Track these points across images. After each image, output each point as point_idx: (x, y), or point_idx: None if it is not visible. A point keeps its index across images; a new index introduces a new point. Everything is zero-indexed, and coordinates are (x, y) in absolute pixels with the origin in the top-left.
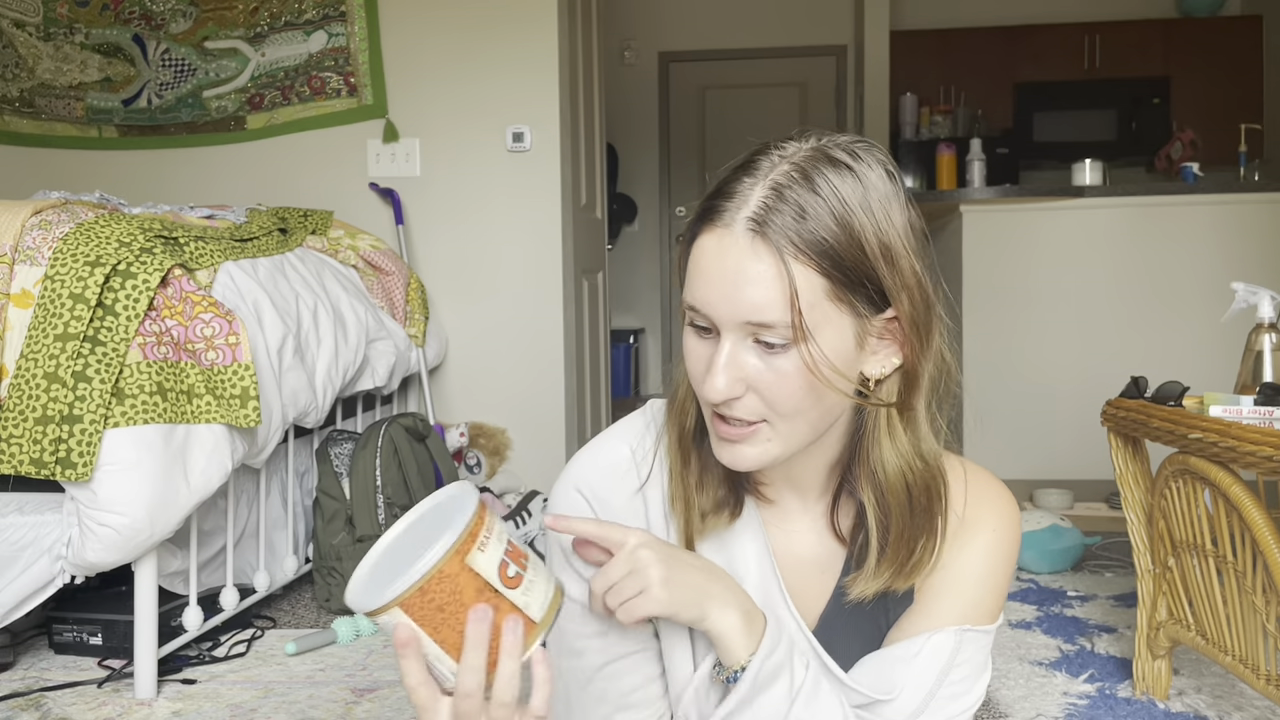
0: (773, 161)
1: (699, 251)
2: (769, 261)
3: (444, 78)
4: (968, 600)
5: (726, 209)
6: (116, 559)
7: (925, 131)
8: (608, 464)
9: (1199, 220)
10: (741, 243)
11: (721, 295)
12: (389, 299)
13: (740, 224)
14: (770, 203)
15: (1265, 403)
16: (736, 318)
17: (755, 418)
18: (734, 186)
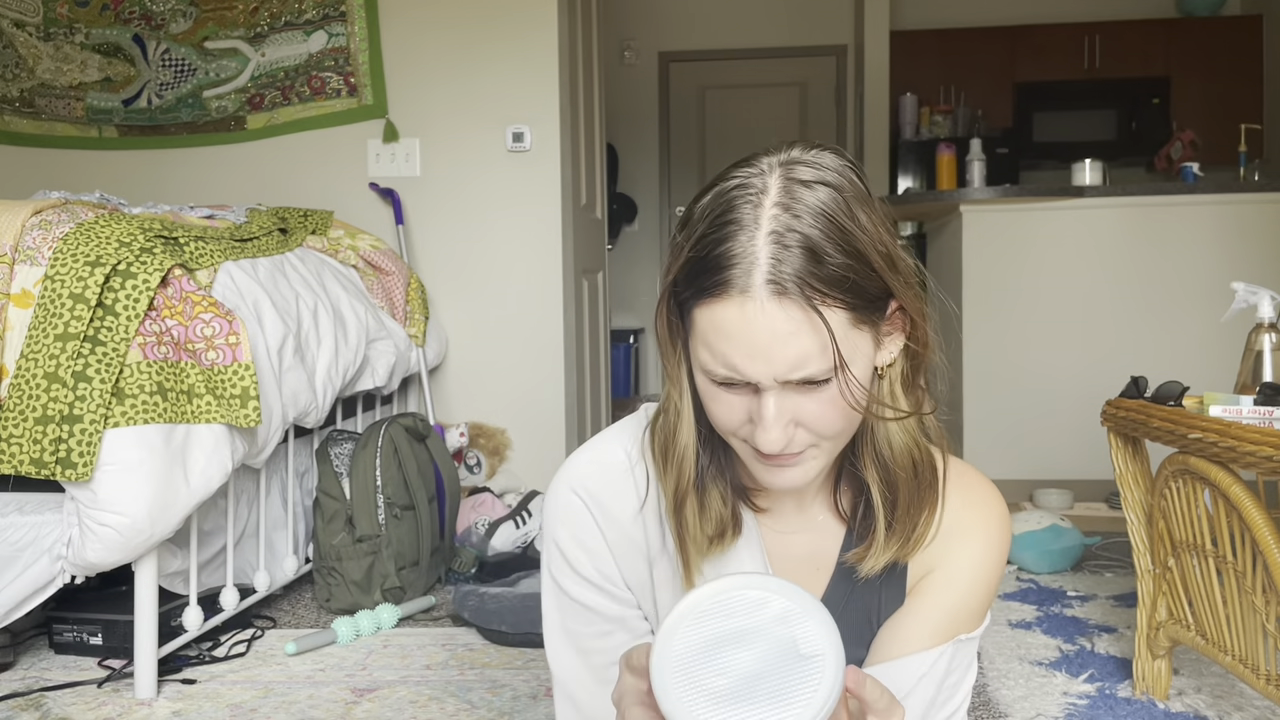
0: (754, 205)
1: (718, 320)
2: (800, 316)
3: (444, 77)
4: (960, 607)
5: (735, 275)
6: (117, 559)
7: (925, 131)
8: (603, 467)
9: (1199, 220)
10: (768, 307)
11: (761, 362)
12: (389, 299)
13: (759, 288)
14: (779, 255)
15: (1265, 403)
16: (779, 378)
17: (803, 448)
18: (729, 248)
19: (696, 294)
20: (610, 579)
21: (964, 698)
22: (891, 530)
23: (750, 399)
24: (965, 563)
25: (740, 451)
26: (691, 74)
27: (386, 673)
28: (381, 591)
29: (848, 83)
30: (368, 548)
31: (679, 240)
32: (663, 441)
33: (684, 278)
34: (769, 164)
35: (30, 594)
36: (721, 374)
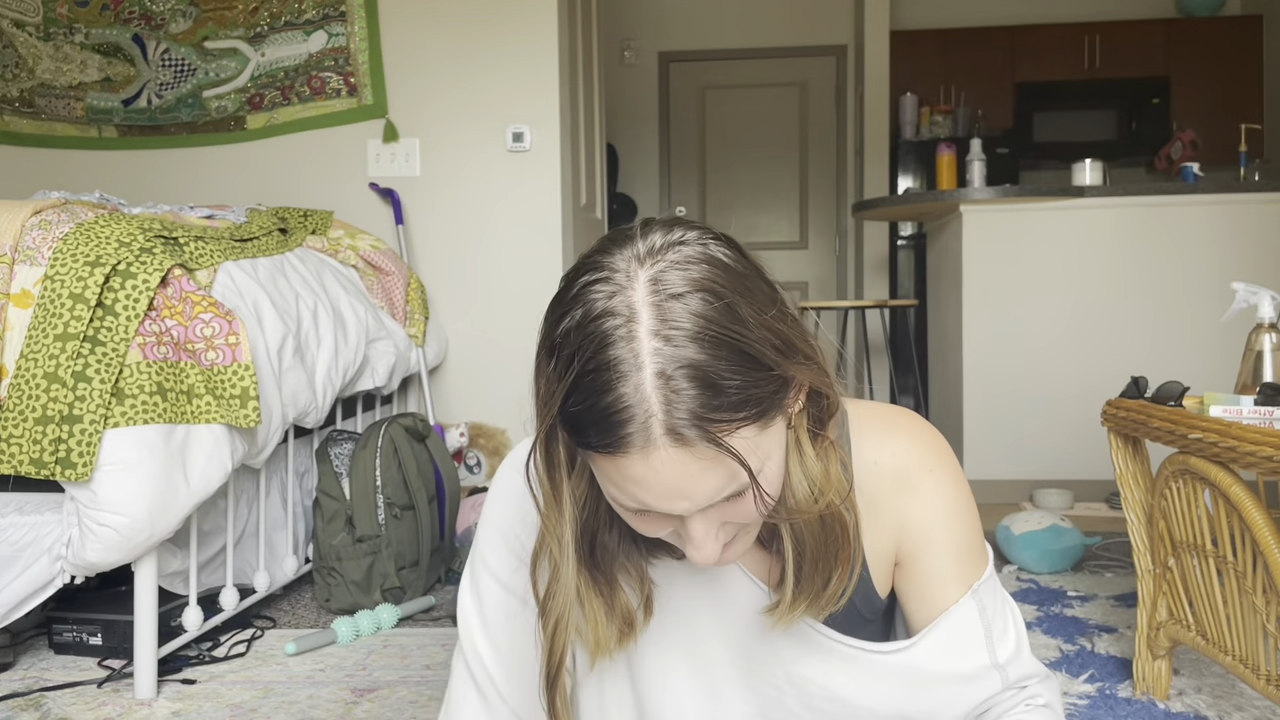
0: (628, 339)
1: (626, 474)
2: (708, 454)
3: (444, 77)
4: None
5: (631, 433)
6: (116, 559)
7: (925, 131)
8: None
9: (1199, 220)
10: (673, 454)
11: (679, 500)
12: (389, 299)
13: (659, 438)
14: (670, 400)
15: (1265, 403)
16: (699, 507)
17: (730, 537)
18: (615, 400)
19: (593, 447)
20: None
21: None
22: (799, 588)
23: (668, 519)
24: (928, 509)
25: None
26: (691, 74)
27: (386, 673)
28: (381, 591)
29: (848, 83)
30: (368, 548)
31: (551, 377)
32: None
33: (571, 427)
34: (628, 273)
35: (30, 594)
36: (637, 509)
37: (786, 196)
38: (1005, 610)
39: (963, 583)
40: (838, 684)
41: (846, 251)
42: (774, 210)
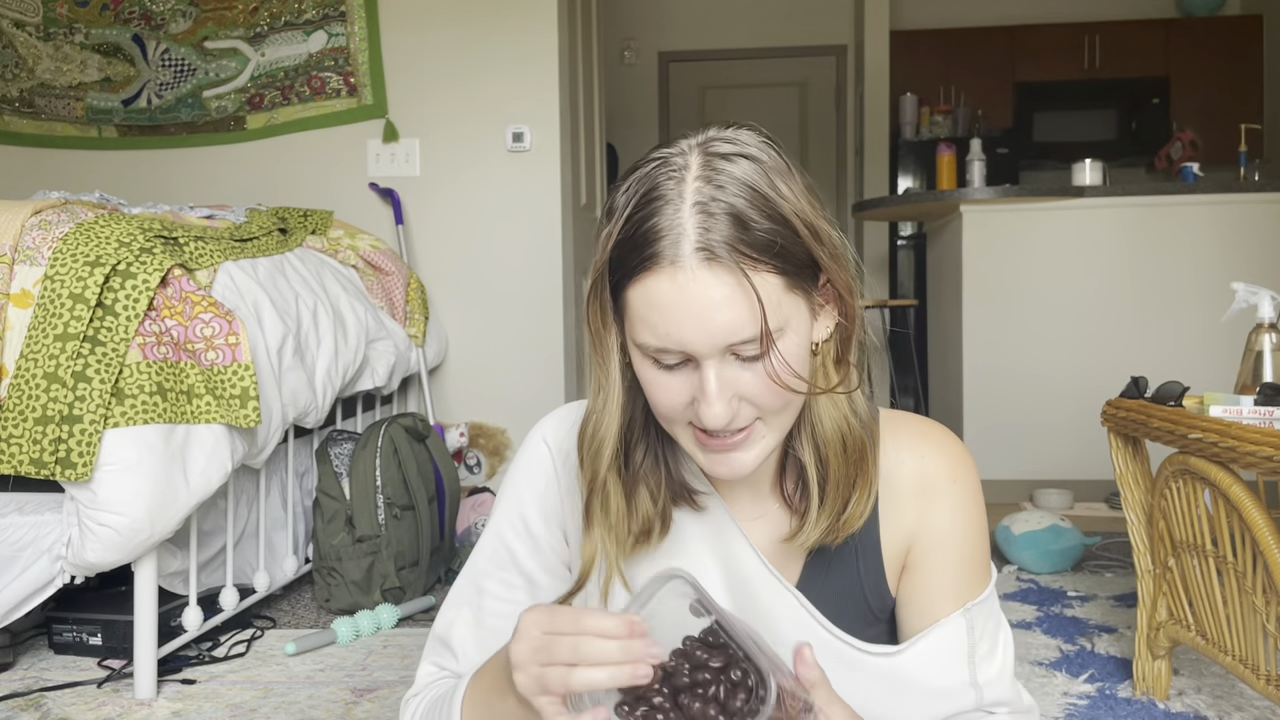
0: (677, 180)
1: (652, 295)
2: (731, 282)
3: (444, 78)
4: (956, 568)
5: (664, 248)
6: (116, 559)
7: (925, 131)
8: (573, 423)
9: (1199, 220)
10: (700, 275)
11: (696, 329)
12: (389, 299)
13: (688, 257)
14: (705, 224)
15: (1265, 403)
16: (716, 346)
17: (749, 423)
18: (656, 223)
19: (627, 273)
20: (550, 530)
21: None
22: (822, 506)
23: (691, 378)
24: (947, 522)
25: (685, 443)
26: (691, 74)
27: (386, 673)
28: (381, 591)
29: (848, 83)
30: (368, 548)
31: (605, 226)
32: (585, 434)
33: (614, 259)
34: (688, 144)
35: (30, 594)
36: (660, 349)
37: None
38: (997, 634)
39: (959, 598)
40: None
41: None
42: None
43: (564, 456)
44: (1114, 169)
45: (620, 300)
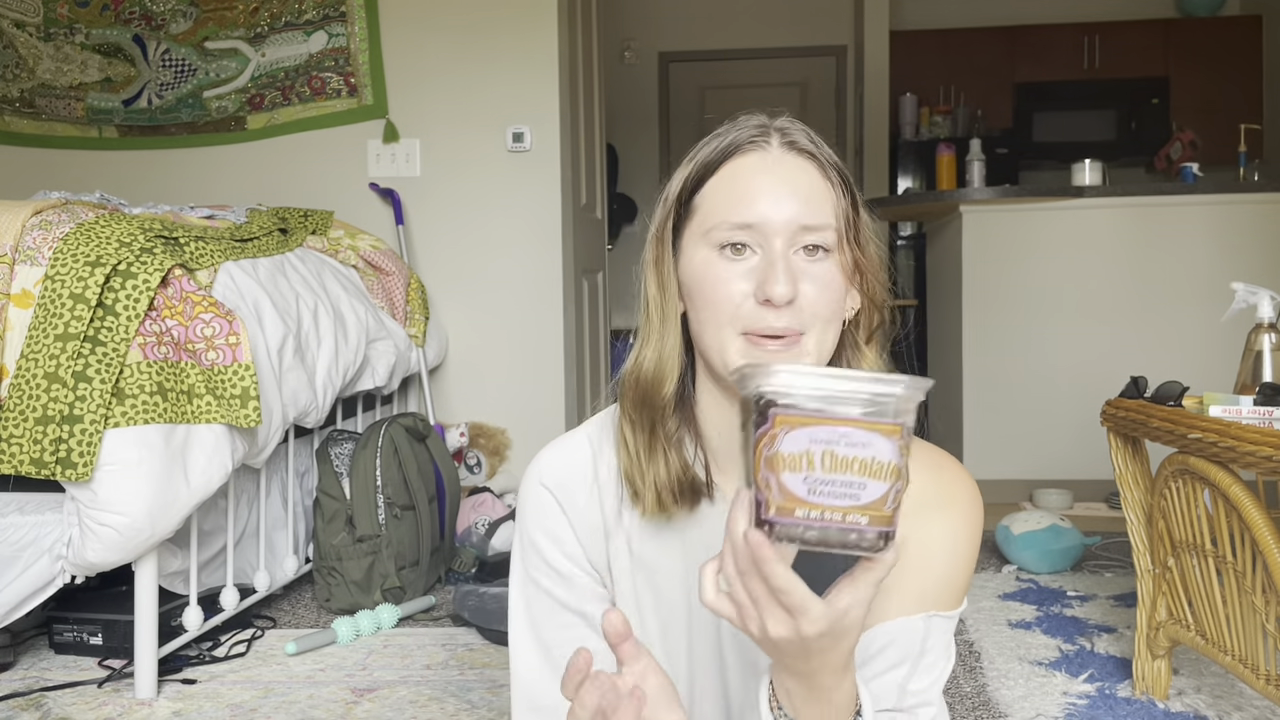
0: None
1: (740, 170)
2: (812, 171)
3: (444, 78)
4: (937, 580)
5: (751, 138)
6: (117, 559)
7: (925, 131)
8: (566, 452)
9: (1199, 220)
10: (786, 158)
11: (774, 202)
12: (389, 299)
13: (775, 145)
14: (790, 128)
15: (1265, 403)
16: (793, 222)
17: (798, 328)
18: (741, 133)
19: (710, 169)
20: (577, 564)
21: (936, 679)
22: None
23: (756, 269)
24: (940, 536)
25: (731, 353)
26: (691, 74)
27: (386, 673)
28: (381, 591)
29: (848, 83)
30: (368, 548)
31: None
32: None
33: (693, 177)
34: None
35: (30, 594)
36: (738, 225)
37: None
38: (943, 656)
39: (925, 605)
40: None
41: None
42: None
43: (566, 493)
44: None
45: (690, 209)
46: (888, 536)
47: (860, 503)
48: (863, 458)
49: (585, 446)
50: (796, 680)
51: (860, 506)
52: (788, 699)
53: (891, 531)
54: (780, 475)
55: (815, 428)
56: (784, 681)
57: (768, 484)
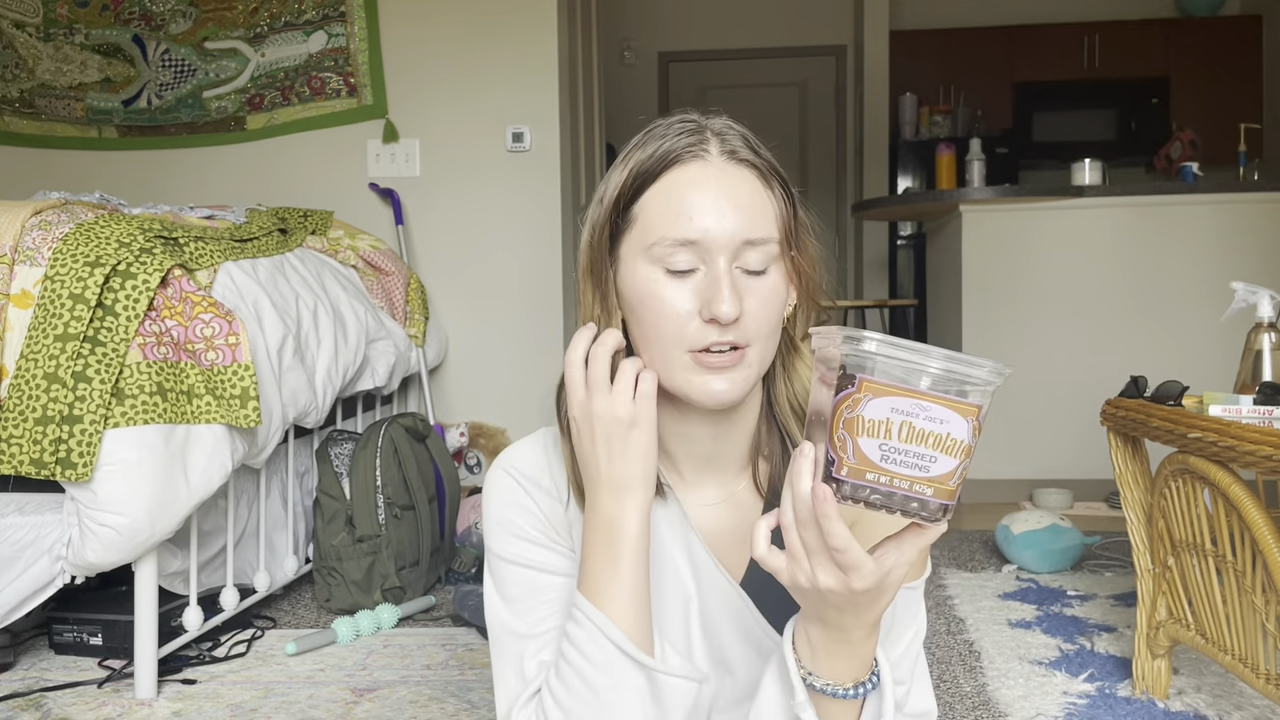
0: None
1: (679, 181)
2: (752, 182)
3: (444, 78)
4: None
5: (692, 147)
6: (116, 559)
7: (925, 131)
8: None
9: (1199, 220)
10: (727, 168)
11: (717, 218)
12: (389, 299)
13: (715, 154)
14: (728, 135)
15: (1265, 402)
16: (736, 238)
17: (743, 343)
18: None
19: (650, 178)
20: (545, 532)
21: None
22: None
23: (698, 286)
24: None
25: (678, 374)
26: (691, 74)
27: (386, 673)
28: (381, 591)
29: (848, 83)
30: (368, 548)
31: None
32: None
33: (630, 185)
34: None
35: (30, 594)
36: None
37: None
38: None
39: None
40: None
41: (846, 251)
42: None
43: (530, 483)
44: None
45: (628, 220)
46: (947, 509)
47: (929, 475)
48: (938, 433)
49: (540, 450)
50: (828, 633)
51: (928, 478)
52: (809, 652)
53: (951, 505)
54: (858, 438)
55: (899, 398)
56: (810, 634)
57: (843, 444)
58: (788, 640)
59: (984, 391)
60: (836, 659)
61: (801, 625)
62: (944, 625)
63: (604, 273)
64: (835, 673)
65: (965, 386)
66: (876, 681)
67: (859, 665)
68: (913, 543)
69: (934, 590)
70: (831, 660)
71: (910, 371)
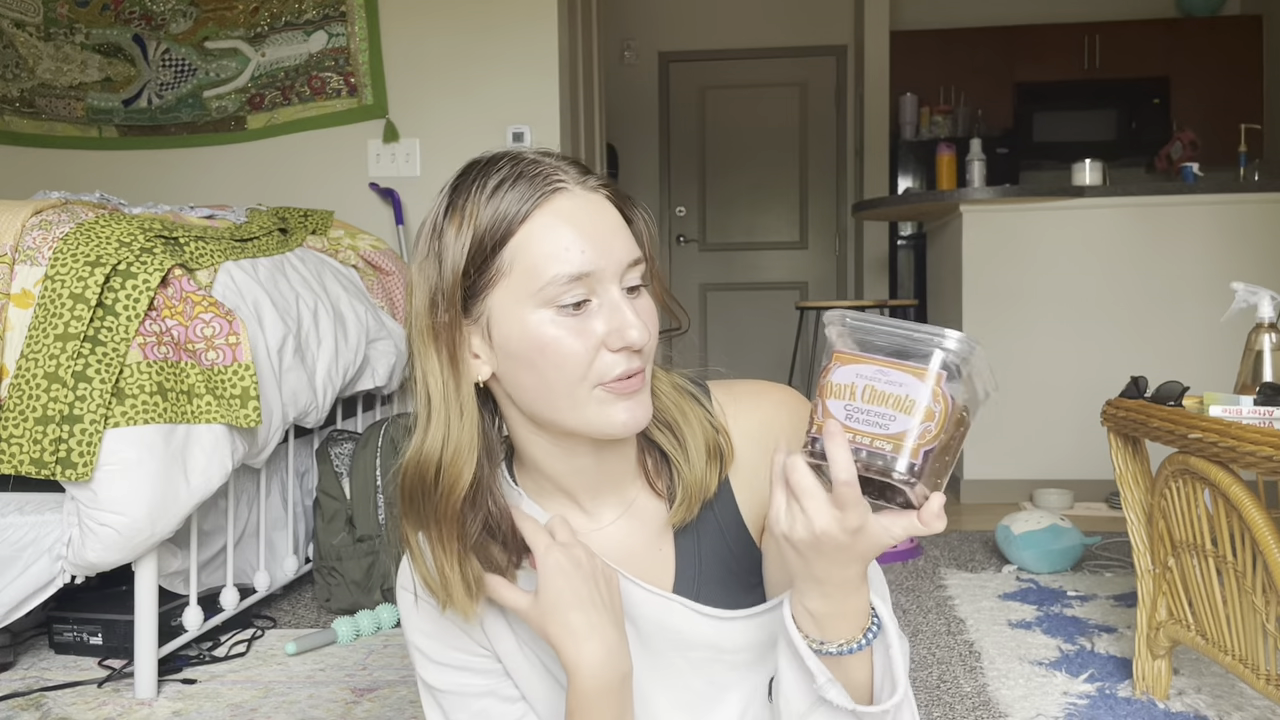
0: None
1: (550, 224)
2: (615, 211)
3: (444, 78)
4: None
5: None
6: (117, 559)
7: (925, 131)
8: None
9: (1199, 220)
10: (590, 196)
11: (602, 247)
12: (389, 299)
13: (574, 184)
14: (567, 165)
15: (1265, 403)
16: (621, 262)
17: (642, 365)
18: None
19: (514, 223)
20: (466, 651)
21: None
22: (690, 464)
23: (591, 321)
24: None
25: (589, 411)
26: (691, 74)
27: (387, 673)
28: (382, 591)
29: (848, 83)
30: (368, 548)
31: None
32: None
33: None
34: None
35: (30, 594)
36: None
37: (786, 197)
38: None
39: None
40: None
41: (846, 251)
42: (774, 210)
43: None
44: (1114, 169)
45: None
46: (914, 469)
47: (888, 432)
48: (896, 394)
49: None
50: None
51: (887, 435)
52: (813, 624)
53: (918, 465)
54: (827, 400)
55: (862, 365)
56: (810, 606)
57: (816, 408)
58: (790, 626)
59: (950, 361)
60: (841, 619)
61: (798, 605)
62: (944, 625)
63: (457, 334)
64: (843, 631)
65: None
66: (879, 621)
67: (860, 615)
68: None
69: (934, 590)
70: (836, 622)
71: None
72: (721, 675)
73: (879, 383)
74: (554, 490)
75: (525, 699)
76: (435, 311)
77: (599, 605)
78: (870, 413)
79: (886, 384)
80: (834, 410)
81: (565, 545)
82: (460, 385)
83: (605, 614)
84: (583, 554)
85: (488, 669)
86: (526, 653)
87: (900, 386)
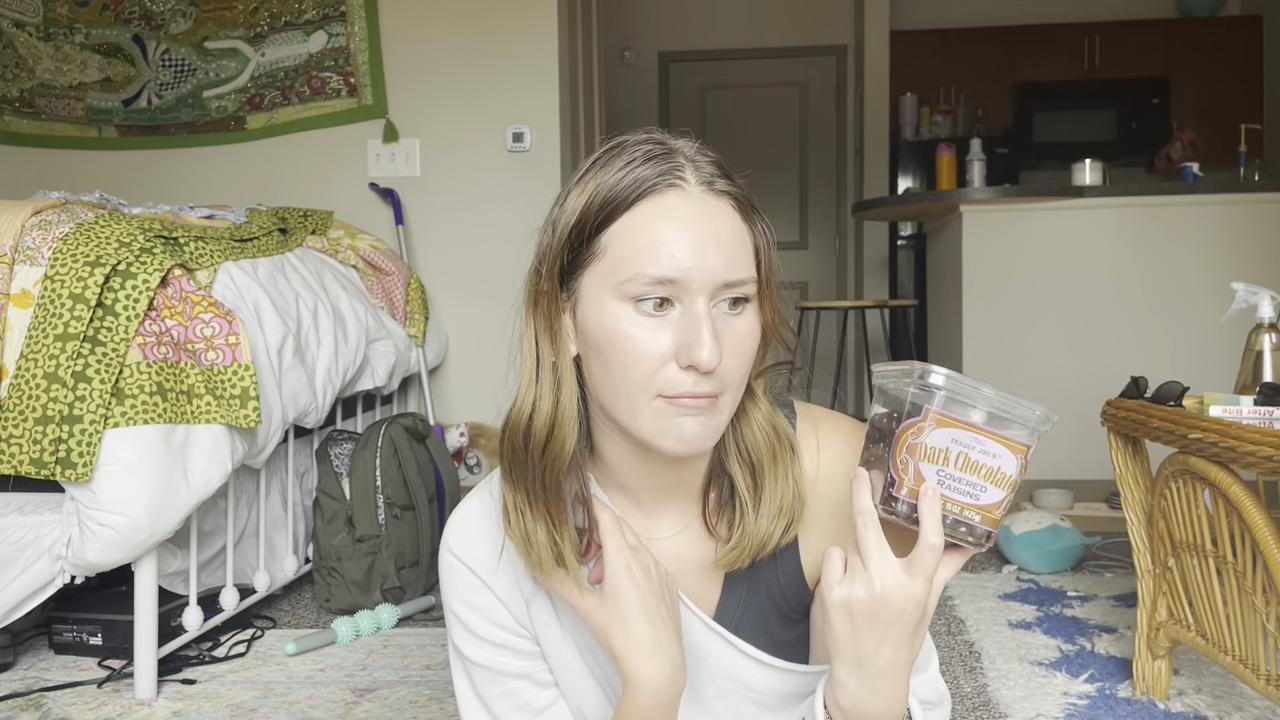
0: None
1: (652, 218)
2: (732, 216)
3: (444, 78)
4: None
5: (663, 174)
6: (116, 559)
7: (925, 131)
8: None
9: (1199, 220)
10: (706, 200)
11: (699, 256)
12: (389, 299)
13: (693, 184)
14: (701, 161)
15: (1265, 403)
16: (717, 279)
17: (716, 390)
18: (650, 163)
19: (616, 210)
20: (508, 629)
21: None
22: (759, 517)
23: (672, 326)
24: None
25: (647, 419)
26: (691, 74)
27: (386, 673)
28: (381, 591)
29: (848, 83)
30: (368, 548)
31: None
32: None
33: (596, 212)
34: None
35: (30, 594)
36: (655, 280)
37: (786, 196)
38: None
39: None
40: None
41: (846, 251)
42: (774, 210)
43: (479, 562)
44: (1114, 169)
45: (593, 250)
46: (990, 536)
47: (978, 502)
48: (991, 465)
49: (486, 522)
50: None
51: (977, 505)
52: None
53: (995, 534)
54: (919, 463)
55: (959, 430)
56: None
57: (905, 467)
58: (819, 710)
59: (1034, 433)
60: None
61: (831, 697)
62: (944, 626)
63: (554, 305)
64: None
65: (1017, 426)
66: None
67: (895, 703)
68: (953, 563)
69: None
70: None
71: (971, 407)
72: (746, 709)
73: (974, 451)
74: (618, 486)
75: (557, 685)
76: (539, 278)
77: (664, 619)
78: (963, 481)
79: (981, 454)
80: (927, 475)
81: (635, 549)
82: (559, 355)
83: (670, 629)
84: (650, 561)
85: (528, 650)
86: (569, 642)
87: (995, 458)
